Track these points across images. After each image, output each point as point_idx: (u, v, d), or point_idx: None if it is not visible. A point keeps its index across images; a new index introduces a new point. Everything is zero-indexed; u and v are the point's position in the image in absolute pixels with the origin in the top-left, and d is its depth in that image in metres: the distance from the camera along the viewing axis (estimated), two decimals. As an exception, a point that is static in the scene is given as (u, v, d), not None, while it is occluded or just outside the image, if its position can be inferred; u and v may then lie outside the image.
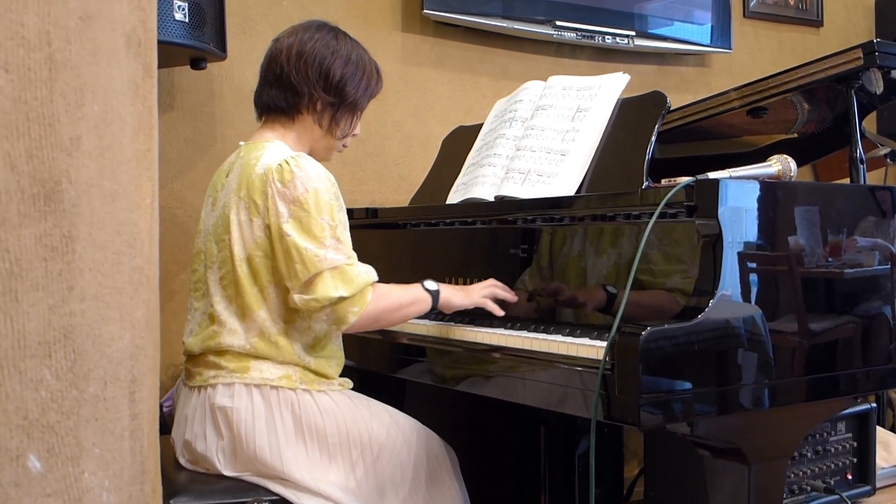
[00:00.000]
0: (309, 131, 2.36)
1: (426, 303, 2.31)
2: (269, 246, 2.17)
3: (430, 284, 2.32)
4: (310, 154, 2.33)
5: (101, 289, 1.46)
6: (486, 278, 2.43)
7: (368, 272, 2.18)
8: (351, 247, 2.19)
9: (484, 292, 2.37)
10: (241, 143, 2.37)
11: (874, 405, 2.48)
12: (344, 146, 2.46)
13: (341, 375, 2.32)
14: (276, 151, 2.24)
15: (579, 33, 3.90)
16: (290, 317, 2.21)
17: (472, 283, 2.47)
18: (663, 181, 2.13)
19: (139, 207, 1.58)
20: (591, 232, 2.23)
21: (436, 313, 2.44)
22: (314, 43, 2.32)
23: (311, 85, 2.30)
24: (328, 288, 2.11)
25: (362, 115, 2.45)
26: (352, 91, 2.35)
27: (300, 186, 2.14)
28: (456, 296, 2.34)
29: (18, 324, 1.34)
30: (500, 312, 2.34)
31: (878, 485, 2.46)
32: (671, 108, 2.43)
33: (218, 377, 2.18)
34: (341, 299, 2.12)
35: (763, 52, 4.71)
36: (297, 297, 2.14)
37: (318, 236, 2.13)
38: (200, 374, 2.22)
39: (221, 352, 2.20)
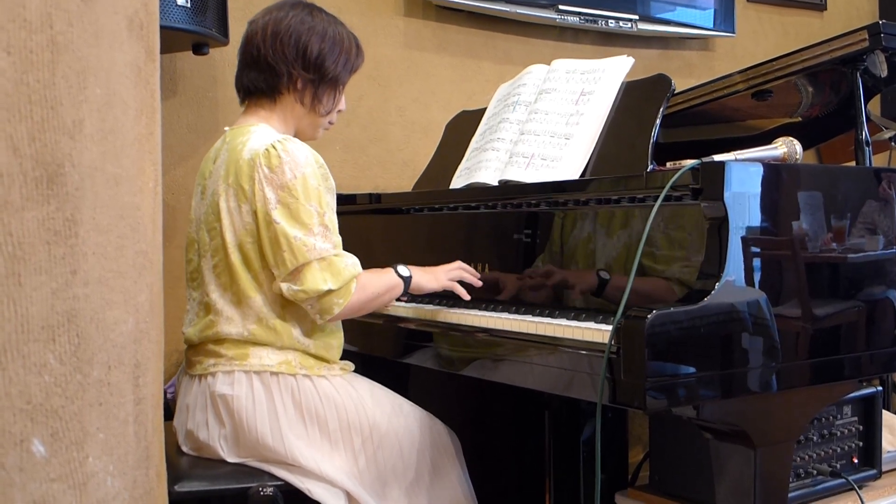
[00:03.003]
0: (292, 111, 2.34)
1: (399, 288, 2.31)
2: (257, 231, 2.16)
3: (403, 270, 2.33)
4: (296, 135, 2.33)
5: (104, 273, 1.46)
6: (489, 263, 2.43)
7: (354, 264, 2.19)
8: (337, 232, 2.19)
9: (451, 275, 2.38)
10: (226, 128, 2.35)
11: (880, 388, 2.47)
12: (330, 123, 2.44)
13: (342, 358, 2.32)
14: (262, 135, 2.22)
15: (582, 17, 3.88)
16: (287, 301, 2.19)
17: (477, 267, 2.47)
18: (668, 164, 2.12)
19: (142, 191, 1.57)
20: (596, 216, 2.22)
21: (412, 297, 2.46)
22: (289, 21, 2.29)
23: (288, 63, 2.28)
24: (317, 280, 2.11)
25: (345, 89, 2.42)
26: (331, 66, 2.32)
27: (288, 172, 2.13)
28: (424, 279, 2.35)
29: (22, 308, 1.34)
30: (466, 296, 2.36)
31: (884, 468, 2.45)
32: (675, 92, 2.42)
33: (217, 365, 2.18)
34: (329, 292, 2.12)
35: (767, 36, 4.69)
36: (284, 286, 2.14)
37: (307, 223, 2.12)
38: (201, 363, 2.21)
39: (220, 340, 2.19)
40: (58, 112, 1.37)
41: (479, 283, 2.40)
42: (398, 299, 2.36)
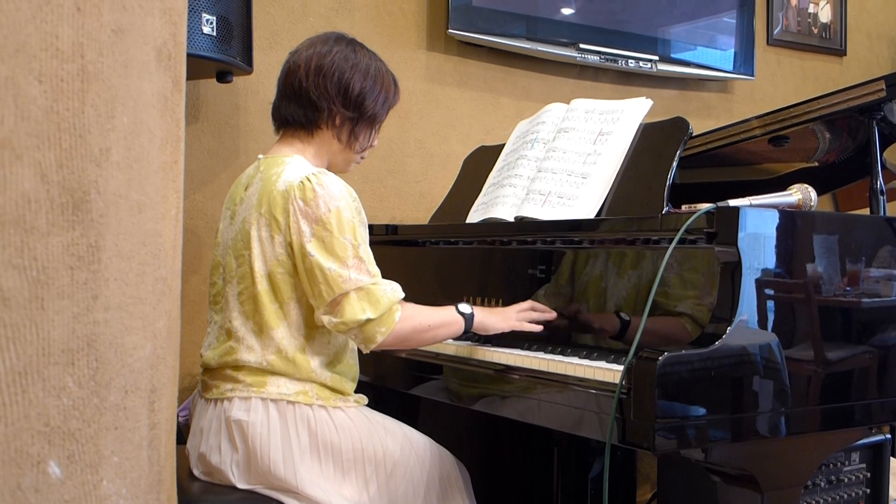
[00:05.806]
0: (328, 145, 2.36)
1: (458, 325, 2.29)
2: (290, 263, 2.17)
3: (465, 307, 2.31)
4: (328, 167, 2.34)
5: (124, 298, 1.48)
6: (504, 298, 2.43)
7: (394, 290, 2.18)
8: (374, 263, 2.19)
9: (521, 315, 2.35)
10: (260, 156, 2.38)
11: (888, 436, 2.47)
12: (362, 158, 2.47)
13: (356, 391, 2.33)
14: (296, 167, 2.24)
15: (602, 56, 3.91)
16: (310, 333, 2.21)
17: (490, 303, 2.48)
18: (683, 207, 2.13)
19: (164, 218, 1.59)
20: (611, 255, 2.23)
21: (470, 336, 2.42)
22: (332, 56, 2.32)
23: (330, 100, 2.30)
24: (355, 311, 2.12)
25: (381, 127, 2.45)
26: (371, 104, 2.35)
27: (322, 206, 2.14)
28: (492, 319, 2.32)
29: (43, 331, 1.35)
30: (538, 329, 2.32)
31: (891, 516, 2.45)
32: (693, 135, 2.44)
33: (235, 390, 2.19)
34: (369, 321, 2.13)
35: (786, 80, 4.71)
36: (325, 319, 2.15)
37: (341, 256, 2.13)
38: (217, 387, 2.22)
39: (238, 367, 2.20)
40: (86, 140, 1.40)
41: (553, 316, 2.34)
42: (458, 338, 2.35)
